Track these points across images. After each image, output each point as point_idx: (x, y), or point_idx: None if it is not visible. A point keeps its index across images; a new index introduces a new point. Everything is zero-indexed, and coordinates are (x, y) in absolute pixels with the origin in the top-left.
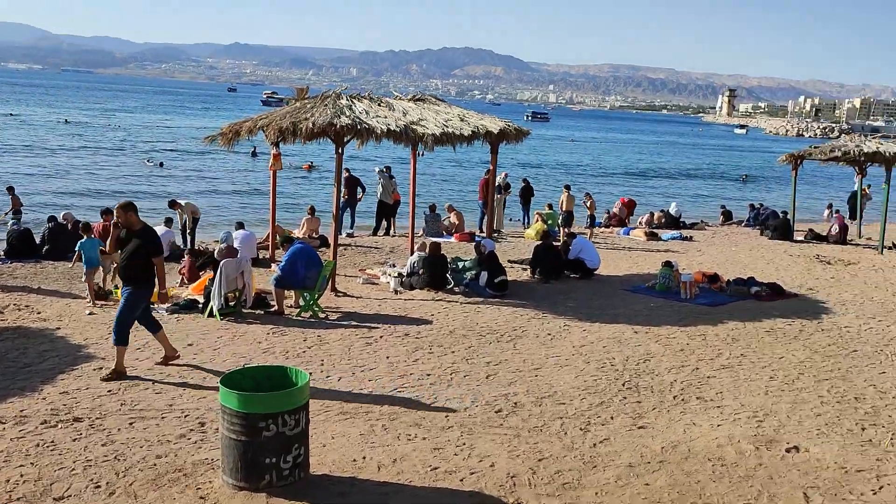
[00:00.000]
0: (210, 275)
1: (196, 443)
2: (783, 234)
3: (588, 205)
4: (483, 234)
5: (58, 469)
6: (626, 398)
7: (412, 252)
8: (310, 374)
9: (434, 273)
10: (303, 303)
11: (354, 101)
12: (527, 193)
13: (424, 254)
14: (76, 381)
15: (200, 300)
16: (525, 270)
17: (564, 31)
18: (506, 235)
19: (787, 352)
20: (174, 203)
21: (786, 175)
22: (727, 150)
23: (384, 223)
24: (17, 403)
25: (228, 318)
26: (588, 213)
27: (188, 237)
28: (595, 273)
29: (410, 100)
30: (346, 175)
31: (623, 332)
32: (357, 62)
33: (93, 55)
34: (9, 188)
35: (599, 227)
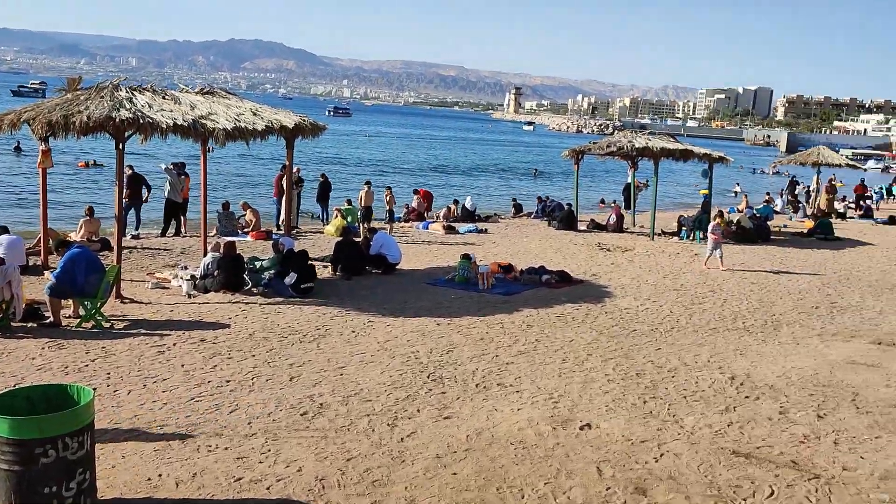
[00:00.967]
0: None
1: None
2: (568, 225)
3: (387, 199)
4: (281, 232)
5: None
6: (432, 390)
7: (205, 253)
8: (94, 391)
9: (230, 274)
10: (83, 312)
11: (135, 94)
12: (325, 189)
13: (219, 254)
14: None
15: None
16: (326, 267)
17: (358, 27)
18: (304, 232)
19: (577, 335)
20: None
21: (570, 169)
22: (517, 146)
23: (174, 223)
24: None
25: None
26: (387, 208)
27: None
28: (397, 267)
29: (198, 93)
30: (130, 173)
31: (426, 325)
32: (136, 52)
33: None
34: None
35: (399, 222)
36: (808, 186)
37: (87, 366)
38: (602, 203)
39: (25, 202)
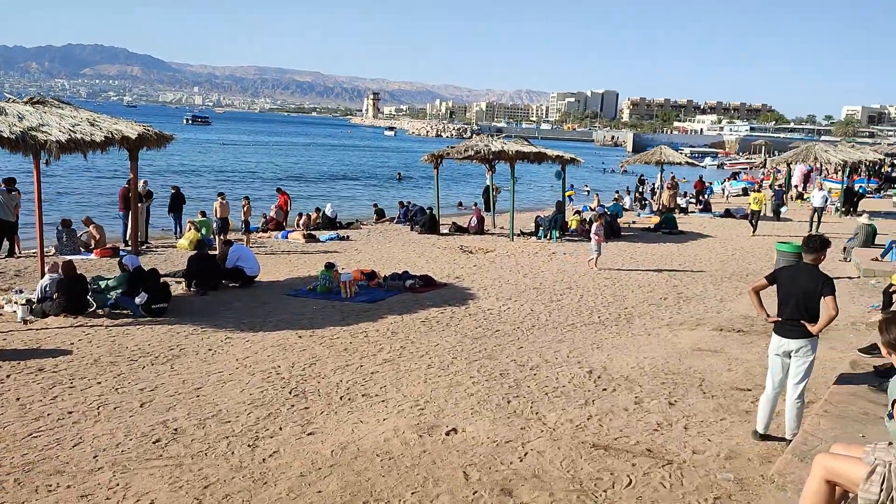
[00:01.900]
0: None
1: None
2: (431, 229)
3: (245, 210)
4: (129, 248)
5: None
6: (294, 406)
7: (43, 274)
8: None
9: (70, 296)
10: None
11: None
12: (177, 201)
13: (57, 275)
14: None
15: None
16: (180, 283)
17: (207, 31)
18: (155, 247)
19: (442, 339)
20: None
21: (431, 173)
22: (379, 151)
23: (6, 243)
24: None
25: None
26: (243, 219)
27: None
28: (255, 280)
29: (27, 102)
30: None
31: (287, 339)
32: None
33: None
34: None
35: (256, 232)
36: (654, 184)
37: None
38: (461, 205)
39: None
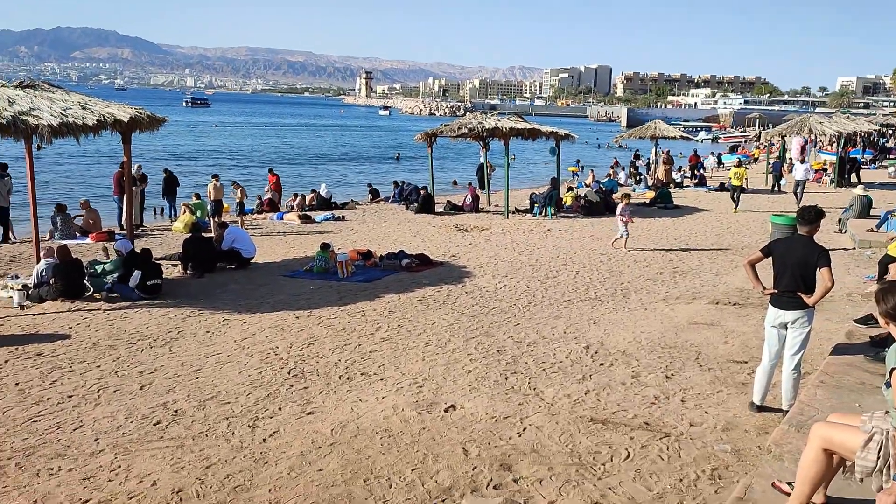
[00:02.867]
0: None
1: None
2: (425, 208)
3: (239, 192)
4: (124, 232)
5: None
6: (293, 386)
7: (38, 259)
8: None
9: (68, 280)
10: None
11: None
12: (170, 184)
13: (53, 260)
14: None
15: None
16: (176, 266)
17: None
18: (151, 230)
19: (439, 317)
20: None
21: (426, 152)
22: (373, 131)
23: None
24: None
25: None
26: (237, 201)
27: None
28: (252, 261)
29: (17, 87)
30: None
31: (285, 319)
32: None
33: None
34: None
35: (251, 214)
36: (649, 158)
37: None
38: (455, 183)
39: None
